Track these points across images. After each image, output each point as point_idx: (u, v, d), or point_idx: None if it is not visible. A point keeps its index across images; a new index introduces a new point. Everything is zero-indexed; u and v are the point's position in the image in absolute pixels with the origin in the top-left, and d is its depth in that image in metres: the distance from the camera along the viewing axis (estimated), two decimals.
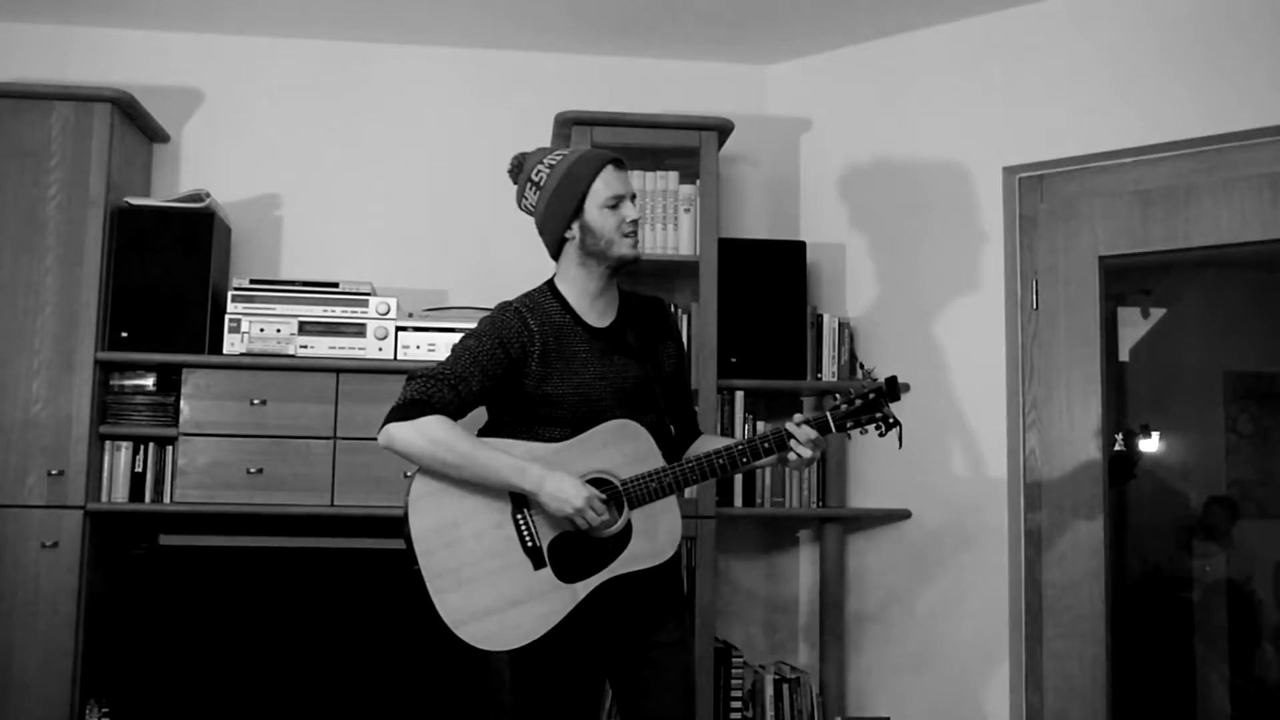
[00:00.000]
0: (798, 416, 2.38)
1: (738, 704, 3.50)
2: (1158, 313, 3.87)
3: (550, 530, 2.31)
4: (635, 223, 2.40)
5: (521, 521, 2.31)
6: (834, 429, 2.38)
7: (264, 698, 3.36)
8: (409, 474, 3.38)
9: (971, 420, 3.52)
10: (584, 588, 2.29)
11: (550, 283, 2.48)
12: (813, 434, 2.35)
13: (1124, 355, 3.81)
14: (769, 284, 3.66)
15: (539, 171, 2.47)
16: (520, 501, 2.31)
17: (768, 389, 3.67)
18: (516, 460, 2.28)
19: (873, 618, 3.70)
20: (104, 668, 3.41)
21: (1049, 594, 3.41)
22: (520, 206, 2.54)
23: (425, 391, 2.31)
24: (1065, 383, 3.44)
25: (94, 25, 3.80)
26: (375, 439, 3.35)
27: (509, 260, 3.87)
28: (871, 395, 2.39)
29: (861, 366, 3.76)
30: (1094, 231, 3.42)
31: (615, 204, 2.39)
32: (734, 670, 3.51)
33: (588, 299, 2.43)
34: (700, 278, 3.53)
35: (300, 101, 3.89)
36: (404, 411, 2.31)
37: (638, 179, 3.64)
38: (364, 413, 3.41)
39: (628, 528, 2.32)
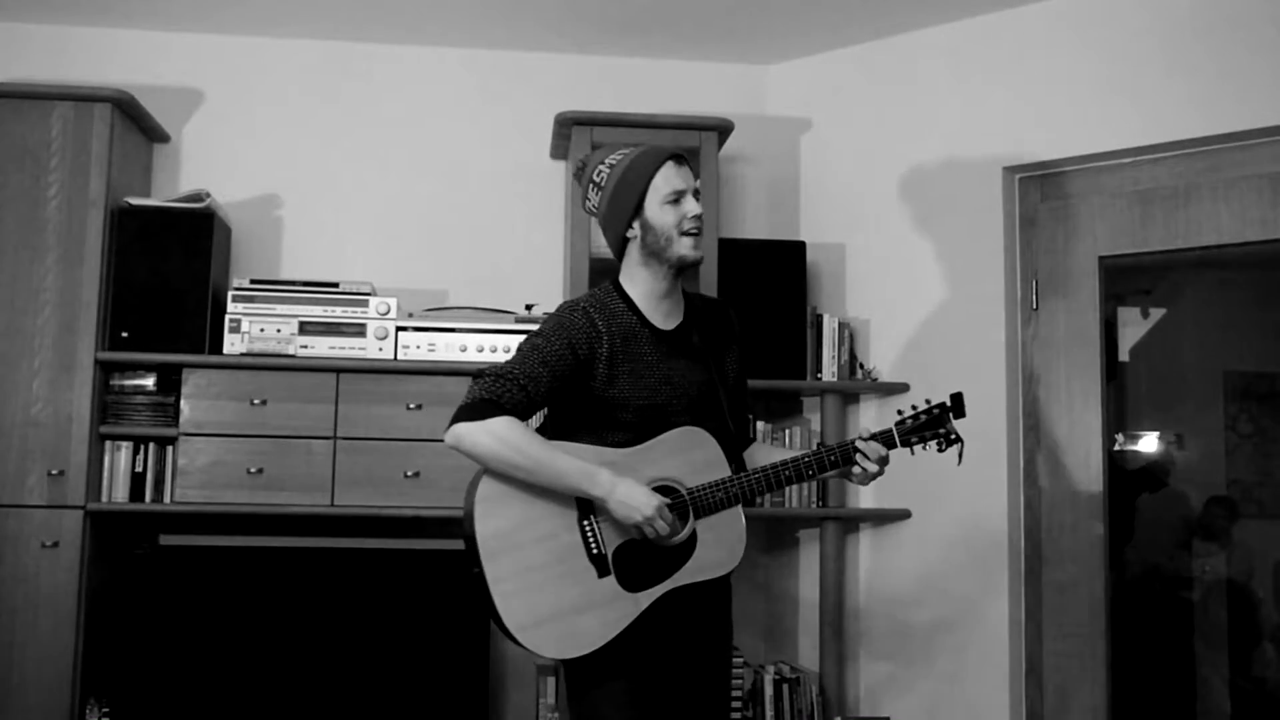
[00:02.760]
0: (865, 431, 2.38)
1: (738, 704, 3.50)
2: (1158, 313, 3.87)
3: (616, 537, 2.25)
4: (698, 219, 2.33)
5: (588, 528, 2.25)
6: (899, 444, 2.38)
7: (264, 697, 3.36)
8: (409, 474, 3.40)
9: (971, 420, 3.51)
10: (647, 597, 2.24)
11: (615, 282, 2.41)
12: (882, 450, 2.34)
13: (1124, 355, 3.81)
14: (769, 284, 3.66)
15: (600, 171, 2.39)
16: (587, 507, 2.25)
17: (768, 389, 3.67)
18: (587, 466, 2.22)
19: (873, 617, 3.70)
20: (104, 668, 3.41)
21: (1049, 594, 3.42)
22: (584, 209, 2.48)
23: (495, 391, 2.23)
24: (1065, 383, 3.44)
25: (94, 25, 3.80)
26: (375, 439, 3.40)
27: (509, 260, 3.89)
28: (936, 411, 2.39)
29: (861, 366, 3.76)
30: (1094, 231, 3.42)
31: (676, 199, 2.32)
32: (734, 670, 3.51)
33: (653, 300, 2.38)
34: (700, 278, 3.52)
35: (300, 101, 3.89)
36: (473, 411, 2.21)
37: None
38: (364, 413, 3.42)
39: (692, 537, 2.27)
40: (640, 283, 2.38)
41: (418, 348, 3.48)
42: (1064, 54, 3.43)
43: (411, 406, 3.43)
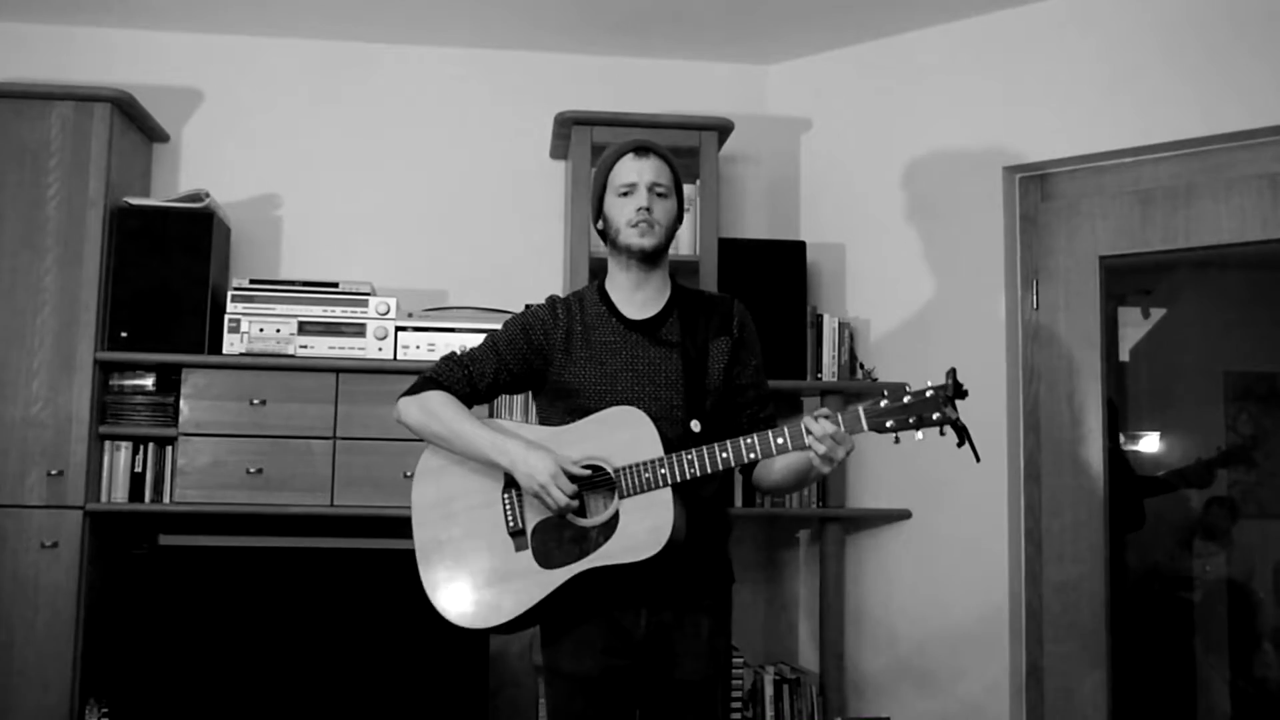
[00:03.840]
0: (820, 410, 2.14)
1: (738, 704, 3.50)
2: (1158, 313, 3.87)
3: (536, 514, 2.26)
4: (641, 211, 2.30)
5: (507, 501, 2.29)
6: (866, 427, 2.10)
7: (264, 697, 3.36)
8: (409, 474, 3.40)
9: (972, 420, 3.51)
10: (557, 576, 2.22)
11: (600, 282, 2.46)
12: (830, 428, 2.08)
13: (1124, 355, 3.81)
14: (769, 284, 3.65)
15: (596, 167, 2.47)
16: (510, 481, 2.29)
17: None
18: (497, 436, 2.27)
19: (873, 618, 3.70)
20: (104, 668, 3.41)
21: (1049, 594, 3.41)
22: None
23: (437, 370, 2.38)
24: (1065, 383, 3.44)
25: (94, 25, 3.80)
26: (375, 439, 3.41)
27: (509, 260, 3.89)
28: (929, 392, 2.08)
29: (861, 366, 3.76)
30: (1094, 231, 3.42)
31: (627, 192, 2.34)
32: (734, 670, 3.51)
33: (625, 291, 2.39)
34: (700, 278, 3.52)
35: (300, 101, 3.89)
36: (415, 387, 2.38)
37: None
38: (364, 413, 3.42)
39: (615, 519, 2.20)
40: (612, 274, 2.42)
41: (417, 348, 3.47)
42: (1064, 54, 3.43)
43: None
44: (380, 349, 3.46)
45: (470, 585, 2.28)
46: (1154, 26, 3.27)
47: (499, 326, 2.44)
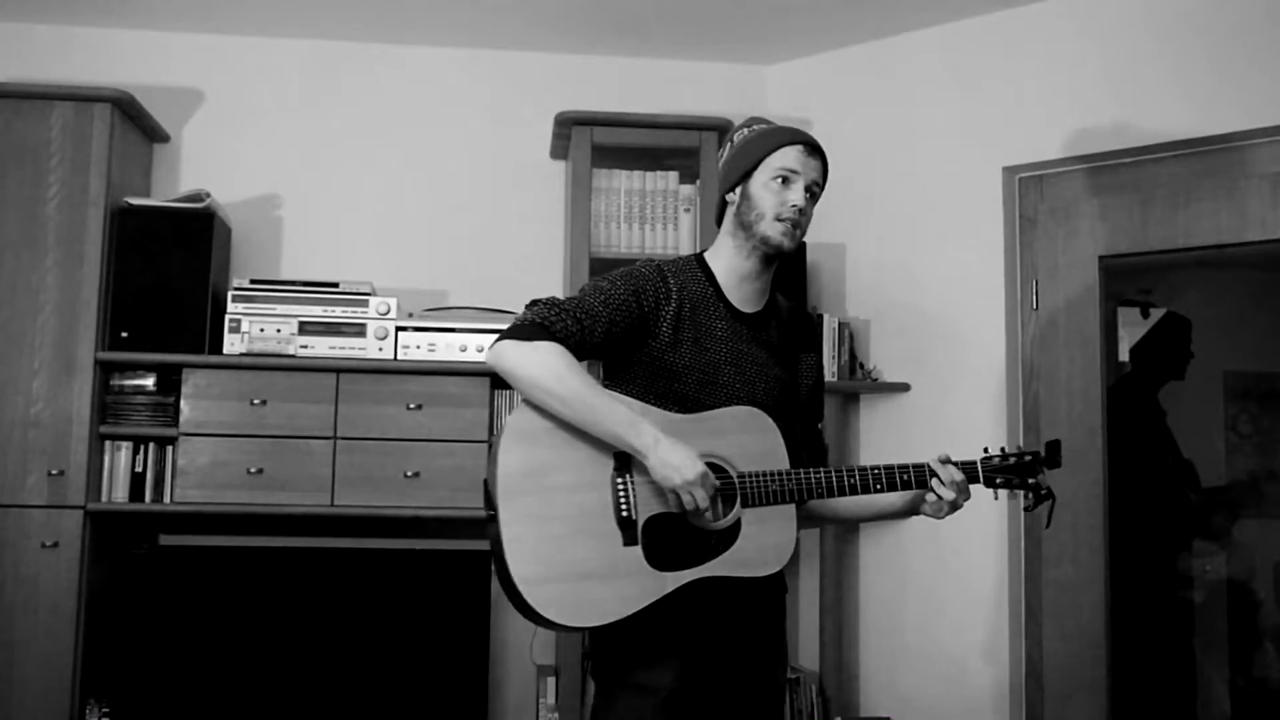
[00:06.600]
0: (943, 455, 2.14)
1: None
2: (1158, 313, 3.87)
3: (651, 505, 2.03)
4: (797, 210, 2.15)
5: (621, 486, 2.02)
6: (982, 481, 2.16)
7: (264, 698, 3.36)
8: (409, 474, 3.40)
9: (972, 420, 3.52)
10: (674, 580, 2.00)
11: (699, 254, 2.27)
12: (959, 475, 2.11)
13: (1124, 355, 3.81)
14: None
15: (740, 132, 2.27)
16: (624, 464, 2.03)
17: None
18: (632, 414, 2.01)
19: (873, 617, 3.70)
20: (104, 668, 3.41)
21: (1049, 594, 3.41)
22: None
23: (548, 317, 2.05)
24: (1065, 383, 3.44)
25: (94, 25, 3.80)
26: (375, 439, 3.40)
27: (509, 260, 3.89)
28: (1028, 457, 2.19)
29: (861, 366, 3.76)
30: (1094, 231, 3.42)
31: (784, 179, 2.16)
32: None
33: (734, 277, 2.21)
34: None
35: (300, 101, 3.89)
36: (522, 332, 2.04)
37: (637, 179, 3.64)
38: (364, 413, 3.42)
39: (735, 527, 2.05)
40: (725, 255, 2.23)
41: (418, 348, 3.47)
42: (1063, 54, 3.43)
43: (411, 406, 3.43)
44: (380, 349, 3.46)
45: (571, 577, 1.97)
46: (1154, 27, 3.27)
47: (602, 281, 2.15)
